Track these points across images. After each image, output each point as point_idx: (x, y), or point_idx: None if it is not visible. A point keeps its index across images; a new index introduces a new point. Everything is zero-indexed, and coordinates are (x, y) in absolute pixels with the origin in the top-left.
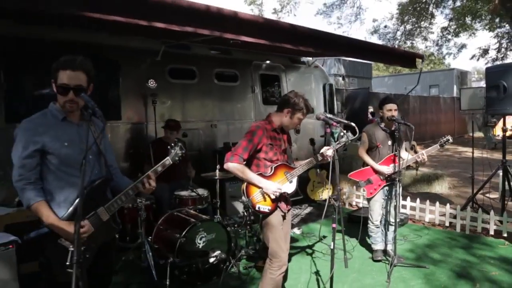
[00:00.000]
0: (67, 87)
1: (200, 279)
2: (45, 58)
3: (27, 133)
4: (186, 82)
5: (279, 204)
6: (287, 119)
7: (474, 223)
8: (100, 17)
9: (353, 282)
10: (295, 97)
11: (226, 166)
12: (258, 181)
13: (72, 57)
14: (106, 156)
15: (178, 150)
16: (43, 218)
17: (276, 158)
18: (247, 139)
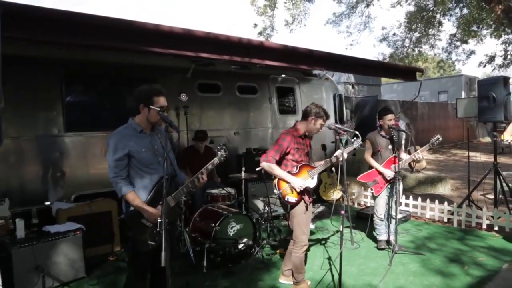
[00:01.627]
0: (165, 108)
1: (230, 261)
2: (97, 77)
3: (118, 141)
4: (212, 95)
5: (303, 197)
6: (311, 125)
7: (470, 218)
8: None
9: (360, 265)
10: (316, 107)
11: (262, 165)
12: (287, 177)
13: (159, 87)
14: (171, 158)
15: (223, 152)
16: (134, 203)
17: (301, 159)
18: (278, 144)
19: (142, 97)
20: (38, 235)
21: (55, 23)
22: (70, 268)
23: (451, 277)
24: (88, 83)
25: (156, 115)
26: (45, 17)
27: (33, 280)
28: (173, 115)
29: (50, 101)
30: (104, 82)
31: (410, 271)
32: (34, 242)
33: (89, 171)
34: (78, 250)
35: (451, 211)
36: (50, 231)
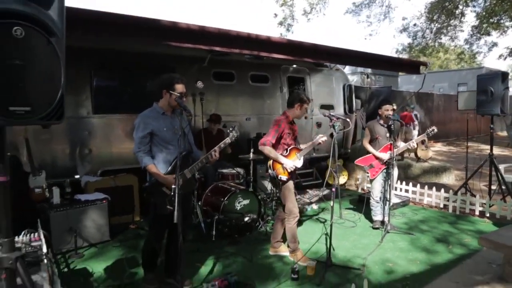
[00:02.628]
0: (184, 94)
1: (237, 233)
2: (123, 64)
3: (142, 122)
4: (226, 83)
5: (292, 175)
6: (298, 111)
7: (464, 205)
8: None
9: (353, 241)
10: (298, 95)
11: (261, 148)
12: (281, 159)
13: (179, 75)
14: (188, 137)
15: (235, 132)
16: (154, 174)
17: (291, 142)
18: (274, 129)
19: (164, 84)
20: (71, 202)
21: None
22: (97, 232)
23: (435, 254)
24: (113, 71)
25: (176, 98)
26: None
27: (67, 240)
28: (190, 101)
29: (80, 87)
30: (128, 69)
31: (398, 247)
32: (67, 208)
33: (113, 150)
34: (104, 216)
35: (447, 198)
36: (81, 199)
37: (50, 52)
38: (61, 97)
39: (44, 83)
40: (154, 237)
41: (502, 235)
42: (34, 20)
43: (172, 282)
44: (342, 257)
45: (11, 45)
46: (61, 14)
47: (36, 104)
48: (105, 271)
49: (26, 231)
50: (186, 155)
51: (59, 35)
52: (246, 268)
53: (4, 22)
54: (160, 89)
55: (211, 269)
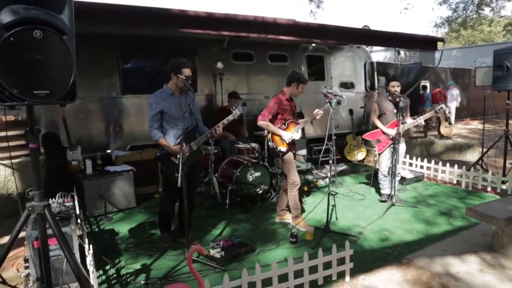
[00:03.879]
0: (189, 77)
1: (248, 202)
2: (148, 47)
3: (154, 102)
4: (245, 63)
5: (291, 147)
6: (294, 90)
7: (476, 181)
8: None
9: (358, 212)
10: (296, 75)
11: (259, 123)
12: (279, 132)
13: (185, 60)
14: (195, 114)
15: (238, 111)
16: (164, 146)
17: (289, 117)
18: (270, 106)
19: (173, 68)
20: (101, 173)
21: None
22: (124, 199)
23: (434, 225)
24: (139, 54)
25: (182, 81)
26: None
27: (98, 205)
28: (211, 81)
29: (109, 69)
30: (152, 52)
31: (399, 219)
32: (98, 177)
33: (140, 127)
34: (130, 185)
35: (460, 174)
36: (110, 170)
37: (63, 48)
38: (73, 83)
39: (59, 72)
40: (166, 200)
41: (490, 207)
42: (49, 24)
43: (183, 241)
44: (343, 225)
45: (33, 44)
46: (71, 17)
47: (54, 88)
48: (129, 231)
49: (60, 193)
50: (192, 130)
51: (70, 34)
52: (252, 232)
53: (27, 27)
54: (169, 72)
55: (220, 232)
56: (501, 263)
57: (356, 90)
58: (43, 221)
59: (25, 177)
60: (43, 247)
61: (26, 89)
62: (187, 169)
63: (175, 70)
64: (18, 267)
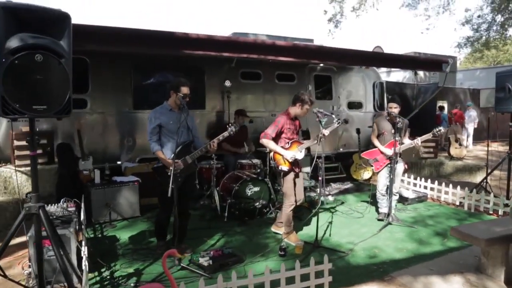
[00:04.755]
0: (187, 95)
1: (247, 216)
2: (159, 65)
3: (153, 116)
4: (253, 82)
5: (293, 166)
6: (299, 110)
7: (479, 203)
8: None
9: (353, 230)
10: (302, 95)
11: (261, 141)
12: (280, 151)
13: (184, 80)
14: (192, 129)
15: (233, 128)
16: (160, 158)
17: (292, 137)
18: (274, 125)
19: (173, 86)
20: (108, 182)
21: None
22: (129, 208)
23: (426, 245)
24: (150, 72)
25: (180, 99)
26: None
27: (104, 213)
28: (219, 98)
29: (123, 86)
30: (163, 70)
31: (392, 237)
32: (105, 187)
33: None
34: (135, 195)
35: (463, 195)
36: (117, 180)
37: (61, 69)
38: (69, 99)
39: (56, 90)
40: (162, 210)
41: (474, 227)
42: (49, 49)
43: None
44: (335, 241)
45: (34, 66)
46: (69, 43)
47: (51, 104)
48: (129, 238)
49: (64, 199)
50: (188, 144)
51: (67, 57)
52: (245, 244)
53: (30, 52)
54: (169, 90)
55: (214, 243)
56: (485, 284)
57: (364, 109)
58: (38, 221)
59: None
60: (37, 245)
61: (27, 104)
62: (181, 180)
63: (174, 88)
64: (23, 265)
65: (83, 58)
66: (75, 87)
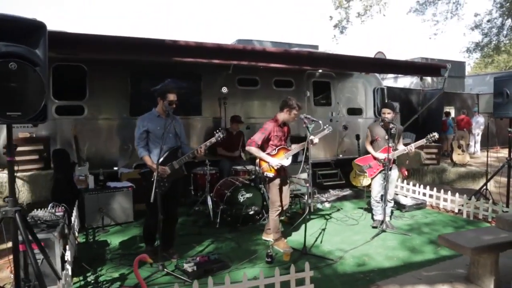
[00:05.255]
0: (173, 101)
1: (239, 222)
2: (156, 72)
3: (141, 122)
4: (250, 88)
5: (280, 173)
6: (287, 115)
7: (477, 210)
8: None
9: (345, 237)
10: (289, 100)
11: (247, 148)
12: (266, 158)
13: (171, 86)
14: (180, 136)
15: (220, 134)
16: (148, 163)
17: (280, 143)
18: (261, 132)
19: (159, 93)
20: (102, 188)
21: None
22: (123, 214)
23: (418, 253)
24: (147, 78)
25: (167, 105)
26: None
27: (97, 218)
28: (216, 105)
29: (120, 92)
30: (160, 77)
31: (384, 245)
32: (98, 192)
33: None
34: (129, 201)
35: (461, 203)
36: (110, 186)
37: (36, 77)
38: (44, 106)
39: (31, 97)
40: (150, 215)
41: (462, 236)
42: (24, 57)
43: (165, 255)
44: (325, 249)
45: (9, 74)
46: (45, 51)
47: (25, 111)
48: (120, 243)
49: (52, 204)
50: (175, 150)
51: (42, 65)
52: (233, 251)
53: (4, 61)
54: (157, 97)
55: (203, 249)
56: None
57: (365, 116)
58: (15, 225)
59: (34, 189)
60: (13, 249)
61: (1, 110)
62: (168, 186)
63: (161, 95)
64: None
65: (80, 65)
66: (72, 94)
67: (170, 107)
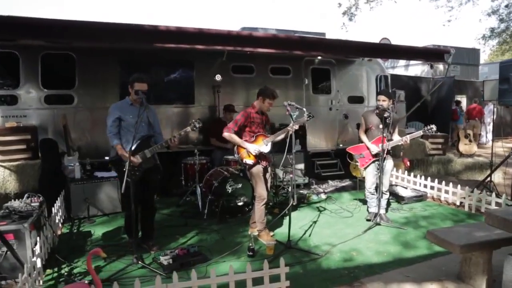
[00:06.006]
0: (141, 91)
1: (228, 214)
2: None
3: (113, 110)
4: (245, 76)
5: (260, 160)
6: (261, 104)
7: (480, 203)
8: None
9: (336, 230)
10: (266, 89)
11: (224, 135)
12: (243, 144)
13: (141, 76)
14: (153, 125)
15: (196, 123)
16: (119, 152)
17: (258, 130)
18: (237, 119)
19: (130, 82)
20: (89, 177)
21: None
22: (110, 204)
23: (410, 248)
24: (138, 66)
25: (133, 94)
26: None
27: (83, 208)
28: (210, 93)
29: (110, 81)
30: (151, 65)
31: (376, 239)
32: (84, 182)
33: None
34: (116, 191)
35: (463, 195)
36: (97, 175)
37: None
38: None
39: None
40: (126, 204)
41: (453, 231)
42: None
43: (144, 246)
44: (313, 242)
45: None
46: None
47: None
48: (103, 234)
49: (28, 194)
50: (148, 138)
51: None
52: (217, 243)
53: None
54: (128, 86)
55: (186, 241)
56: None
57: (367, 104)
58: None
59: (22, 179)
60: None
61: None
62: (139, 174)
63: (130, 84)
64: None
65: (69, 53)
66: (61, 83)
67: (137, 97)
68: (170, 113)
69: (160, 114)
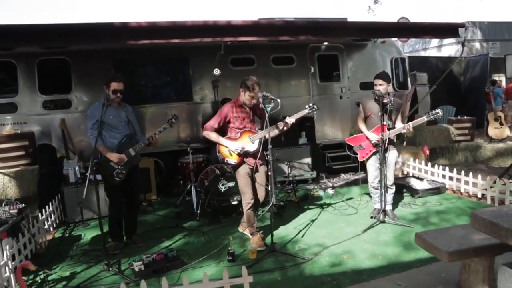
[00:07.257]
0: (118, 90)
1: (222, 213)
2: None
3: (92, 112)
4: (246, 68)
5: (246, 159)
6: (242, 96)
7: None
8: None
9: (335, 229)
10: (247, 80)
11: (203, 133)
12: (223, 142)
13: (116, 75)
14: (133, 124)
15: (173, 120)
16: (103, 152)
17: (243, 126)
18: (217, 114)
19: (105, 83)
20: (83, 180)
21: None
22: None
23: (411, 250)
24: (131, 66)
25: (111, 94)
26: None
27: (78, 212)
28: (209, 89)
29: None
30: (145, 64)
31: (375, 240)
32: (78, 186)
33: None
34: None
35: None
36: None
37: None
38: None
39: None
40: (111, 205)
41: (448, 234)
42: None
43: (128, 242)
44: (305, 244)
45: None
46: None
47: None
48: (92, 238)
49: (5, 201)
50: (129, 137)
51: None
52: (202, 246)
53: None
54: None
55: (170, 244)
56: None
57: None
58: None
59: (22, 185)
60: None
61: None
62: (125, 173)
63: (105, 84)
64: None
65: (64, 58)
66: (58, 88)
67: (114, 96)
68: (167, 111)
69: (157, 113)
